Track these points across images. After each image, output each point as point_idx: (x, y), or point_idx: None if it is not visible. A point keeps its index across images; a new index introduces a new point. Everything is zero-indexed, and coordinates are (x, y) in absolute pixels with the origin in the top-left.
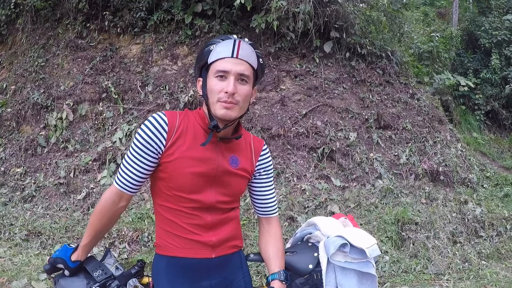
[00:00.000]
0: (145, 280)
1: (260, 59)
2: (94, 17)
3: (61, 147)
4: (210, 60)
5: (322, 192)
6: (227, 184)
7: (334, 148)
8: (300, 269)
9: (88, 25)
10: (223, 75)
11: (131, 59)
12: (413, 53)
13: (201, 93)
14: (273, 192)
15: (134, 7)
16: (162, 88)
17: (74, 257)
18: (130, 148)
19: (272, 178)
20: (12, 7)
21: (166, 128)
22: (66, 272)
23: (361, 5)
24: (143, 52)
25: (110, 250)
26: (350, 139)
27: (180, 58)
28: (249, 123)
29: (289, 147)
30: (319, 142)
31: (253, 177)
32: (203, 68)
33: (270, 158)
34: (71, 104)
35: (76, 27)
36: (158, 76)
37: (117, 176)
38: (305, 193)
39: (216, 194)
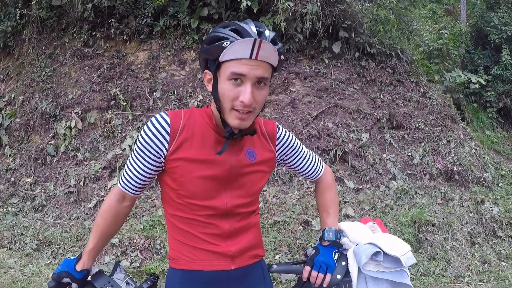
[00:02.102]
0: None
1: (282, 56)
2: (100, 25)
3: (70, 155)
4: (222, 59)
5: None
6: (243, 183)
7: (347, 150)
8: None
9: (94, 33)
10: (238, 78)
11: (139, 66)
12: (423, 51)
13: (209, 89)
14: (309, 157)
15: (140, 13)
16: (170, 94)
17: (79, 266)
18: (134, 150)
19: (300, 148)
20: (17, 18)
21: (169, 129)
22: (74, 285)
23: (368, 4)
24: (150, 58)
25: (120, 263)
26: (362, 140)
27: (187, 63)
28: None
29: None
30: (331, 144)
31: (281, 160)
32: (211, 62)
33: (287, 135)
34: (80, 112)
35: (82, 35)
36: (166, 82)
37: (121, 177)
38: None
39: (232, 198)
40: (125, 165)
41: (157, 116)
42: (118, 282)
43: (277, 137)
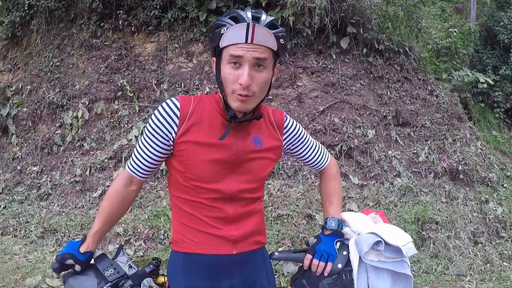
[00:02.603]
0: (161, 279)
1: (281, 40)
2: (108, 16)
3: (77, 145)
4: (222, 44)
5: None
6: (249, 169)
7: (352, 146)
8: None
9: (102, 24)
10: (236, 61)
11: (146, 58)
12: (431, 49)
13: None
14: (315, 147)
15: (148, 5)
16: (177, 86)
17: (83, 248)
18: (143, 133)
19: (307, 138)
20: (26, 8)
21: (178, 113)
22: (77, 267)
23: (377, 0)
24: (158, 50)
25: (123, 247)
26: (368, 136)
27: (195, 56)
28: None
29: None
30: (336, 139)
31: (288, 150)
32: (216, 49)
33: (294, 125)
34: (87, 103)
35: (90, 26)
36: (173, 73)
37: (129, 160)
38: None
39: (238, 183)
40: (135, 149)
41: (168, 100)
42: (121, 265)
43: (284, 126)
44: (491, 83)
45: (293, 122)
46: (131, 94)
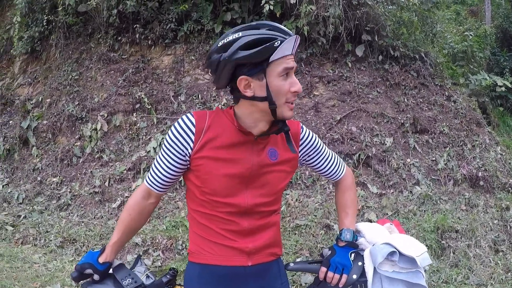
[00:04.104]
0: None
1: None
2: (125, 30)
3: (96, 157)
4: (273, 58)
5: (358, 199)
6: (265, 182)
7: (370, 154)
8: None
9: (119, 38)
10: (288, 73)
11: (163, 70)
12: (447, 54)
13: (249, 94)
14: (331, 158)
15: (164, 19)
16: (195, 98)
17: (102, 259)
18: (161, 149)
19: (322, 149)
20: (44, 24)
21: (194, 129)
22: (96, 277)
23: (391, 6)
24: (174, 63)
25: (141, 257)
26: (386, 144)
27: None
28: None
29: None
30: (354, 148)
31: (304, 161)
32: (248, 66)
33: (310, 136)
34: (105, 115)
35: (107, 40)
36: (190, 85)
37: (148, 174)
38: None
39: (254, 197)
40: (153, 163)
41: (183, 117)
42: (138, 275)
43: (300, 138)
44: (509, 86)
45: (309, 133)
46: (149, 107)
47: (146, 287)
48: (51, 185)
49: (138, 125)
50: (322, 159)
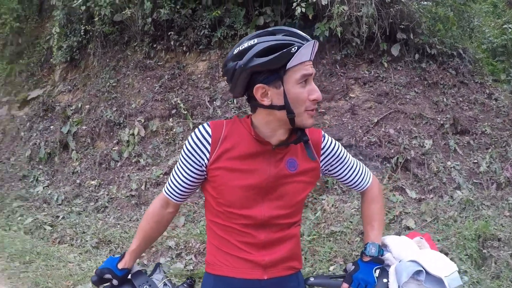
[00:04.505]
0: None
1: None
2: (160, 37)
3: (133, 161)
4: (291, 64)
5: (396, 205)
6: (283, 194)
7: (409, 157)
8: None
9: (155, 45)
10: (306, 80)
11: (199, 76)
12: (486, 49)
13: (266, 103)
14: (355, 167)
15: (198, 25)
16: (230, 102)
17: (121, 265)
18: (179, 159)
19: (346, 158)
20: (82, 33)
21: (210, 140)
22: (115, 282)
23: (425, 2)
24: (209, 68)
25: (160, 265)
26: (425, 147)
27: None
28: None
29: (361, 157)
30: (392, 151)
31: (326, 171)
32: (265, 73)
33: (333, 144)
34: (143, 120)
35: (143, 48)
36: (225, 91)
37: (166, 184)
38: None
39: (271, 209)
40: (171, 173)
41: (200, 127)
42: (156, 282)
43: (322, 146)
44: None
45: (331, 141)
46: (185, 112)
47: None
48: (90, 187)
49: (174, 130)
50: (346, 168)
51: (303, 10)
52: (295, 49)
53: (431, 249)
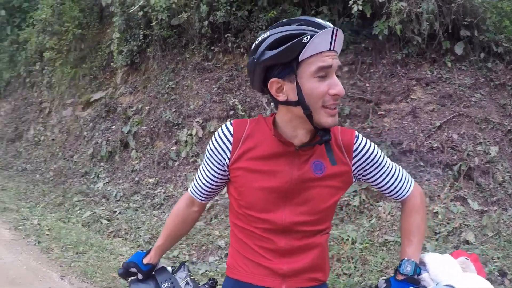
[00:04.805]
0: None
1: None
2: (217, 40)
3: (190, 161)
4: (303, 56)
5: (456, 216)
6: (308, 199)
7: (472, 165)
8: None
9: (212, 48)
10: (325, 73)
11: None
12: None
13: (281, 98)
14: (394, 173)
15: (254, 26)
16: None
17: (146, 260)
18: (203, 158)
19: (383, 162)
20: (141, 38)
21: (231, 139)
22: (140, 276)
23: None
24: None
25: (185, 264)
26: (490, 154)
27: None
28: (378, 137)
29: (421, 163)
30: (455, 158)
31: (360, 175)
32: (279, 67)
33: (367, 146)
34: (201, 121)
35: (201, 50)
36: None
37: (191, 183)
38: (437, 216)
39: (292, 214)
40: (197, 172)
41: (223, 125)
42: (178, 280)
43: (354, 148)
44: None
45: (365, 143)
46: (243, 113)
47: None
48: (147, 185)
49: None
50: (383, 174)
51: (360, 8)
52: (307, 38)
53: (477, 273)
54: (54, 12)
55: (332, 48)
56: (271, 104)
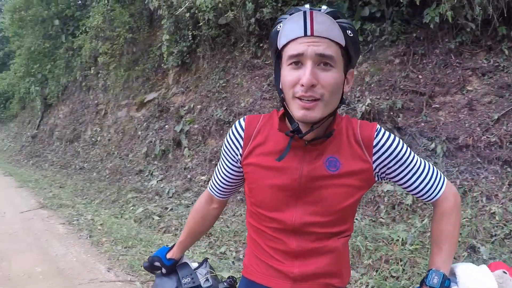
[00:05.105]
0: None
1: (349, 31)
2: (265, 37)
3: None
4: (279, 44)
5: None
6: (321, 198)
7: None
8: None
9: (261, 45)
10: (297, 61)
11: None
12: None
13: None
14: (422, 172)
15: None
16: None
17: (169, 255)
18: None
19: (409, 158)
20: (191, 39)
21: (243, 134)
22: (163, 270)
23: None
24: None
25: (208, 260)
26: None
27: (355, 67)
28: (433, 132)
29: (479, 159)
30: None
31: (383, 174)
32: (273, 55)
33: (390, 141)
34: None
35: (250, 48)
36: None
37: (210, 180)
38: (494, 217)
39: (303, 214)
40: (215, 169)
41: (236, 122)
42: (199, 276)
43: (374, 144)
44: None
45: (388, 137)
46: None
47: None
48: (199, 182)
49: None
50: (409, 172)
51: None
52: (280, 26)
53: None
54: (105, 18)
55: (308, 34)
56: None
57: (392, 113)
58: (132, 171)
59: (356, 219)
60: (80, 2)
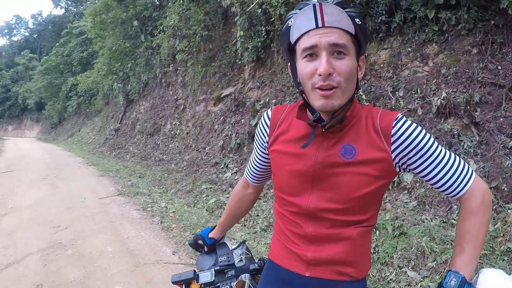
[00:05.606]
0: (257, 279)
1: (357, 19)
2: None
3: None
4: (293, 39)
5: None
6: (336, 185)
7: None
8: None
9: None
10: (312, 53)
11: (381, 65)
12: None
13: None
14: (446, 163)
15: (374, 12)
16: (413, 92)
17: (211, 235)
18: None
19: (431, 150)
20: (264, 34)
21: (269, 122)
22: (205, 248)
23: None
24: (391, 57)
25: (245, 242)
26: None
27: (430, 58)
28: None
29: None
30: None
31: (403, 164)
32: (286, 51)
33: (410, 131)
34: None
35: None
36: (409, 79)
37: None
38: None
39: (319, 200)
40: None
41: (265, 112)
42: (234, 256)
43: (392, 132)
44: None
45: (409, 126)
46: (367, 103)
47: (235, 268)
48: None
49: None
50: (431, 164)
51: None
52: (291, 22)
53: None
54: (181, 17)
55: (319, 25)
56: (396, 93)
57: (469, 107)
58: (208, 163)
59: (426, 218)
60: (157, 2)
